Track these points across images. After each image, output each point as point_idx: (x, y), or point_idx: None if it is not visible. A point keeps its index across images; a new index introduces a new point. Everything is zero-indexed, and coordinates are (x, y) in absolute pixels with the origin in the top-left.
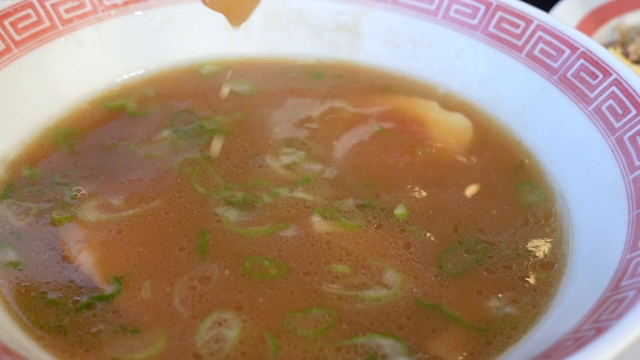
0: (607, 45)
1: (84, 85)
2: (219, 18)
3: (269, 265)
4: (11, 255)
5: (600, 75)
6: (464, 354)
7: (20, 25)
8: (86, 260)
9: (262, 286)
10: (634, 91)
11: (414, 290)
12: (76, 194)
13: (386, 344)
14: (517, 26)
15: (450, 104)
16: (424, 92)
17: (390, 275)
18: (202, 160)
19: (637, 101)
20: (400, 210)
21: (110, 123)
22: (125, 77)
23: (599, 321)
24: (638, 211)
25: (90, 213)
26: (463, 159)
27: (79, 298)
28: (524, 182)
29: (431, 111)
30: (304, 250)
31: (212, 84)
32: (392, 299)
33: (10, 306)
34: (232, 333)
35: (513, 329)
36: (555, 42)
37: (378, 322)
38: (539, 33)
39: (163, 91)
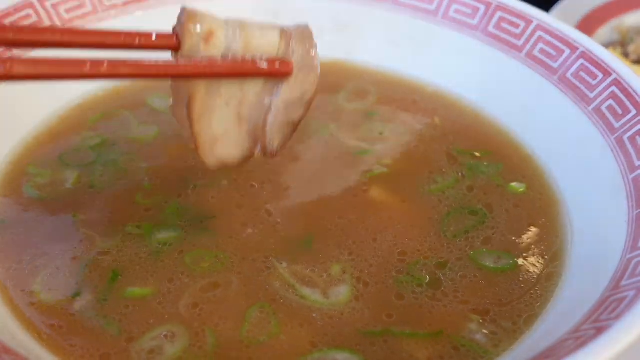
0: (607, 45)
1: (85, 85)
2: None
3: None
4: None
5: (600, 75)
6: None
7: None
8: None
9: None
10: (634, 91)
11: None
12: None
13: (342, 358)
14: (517, 26)
15: (449, 104)
16: (422, 92)
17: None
18: None
19: (637, 101)
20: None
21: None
22: None
23: (598, 321)
24: (638, 211)
25: None
26: (463, 161)
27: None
28: (523, 182)
29: None
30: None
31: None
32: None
33: (15, 307)
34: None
35: (506, 332)
36: (555, 42)
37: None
38: (539, 33)
39: None
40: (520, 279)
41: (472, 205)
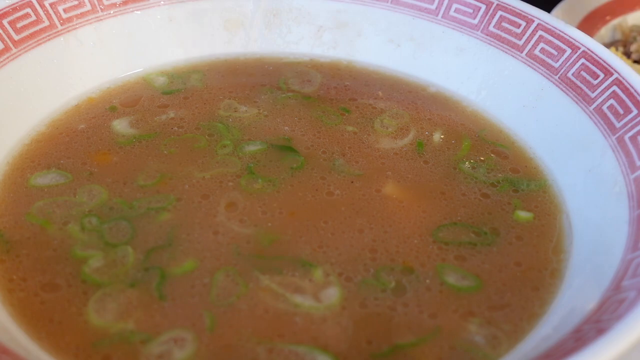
0: (609, 44)
1: (84, 84)
2: (219, 18)
3: None
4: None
5: (601, 75)
6: None
7: (19, 25)
8: None
9: None
10: (635, 91)
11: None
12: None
13: None
14: (518, 26)
15: (449, 103)
16: (422, 92)
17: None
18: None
19: (638, 101)
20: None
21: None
22: (124, 76)
23: (599, 321)
24: (639, 211)
25: None
26: (463, 162)
27: None
28: (524, 182)
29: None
30: None
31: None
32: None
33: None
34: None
35: (507, 334)
36: (556, 41)
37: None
38: (540, 32)
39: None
40: (521, 279)
41: (475, 224)
